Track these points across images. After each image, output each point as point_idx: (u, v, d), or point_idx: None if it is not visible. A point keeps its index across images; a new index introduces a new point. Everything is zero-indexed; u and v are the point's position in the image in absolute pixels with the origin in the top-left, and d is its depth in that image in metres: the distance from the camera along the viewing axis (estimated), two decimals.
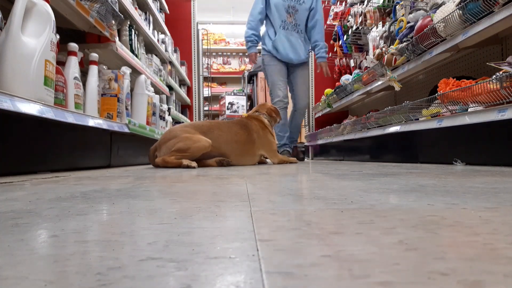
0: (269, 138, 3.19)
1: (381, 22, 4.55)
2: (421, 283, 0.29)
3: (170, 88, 5.92)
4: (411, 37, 3.19)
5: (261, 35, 4.31)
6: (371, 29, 4.83)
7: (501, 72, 2.03)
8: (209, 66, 8.37)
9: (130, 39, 3.82)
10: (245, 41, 4.29)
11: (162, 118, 4.62)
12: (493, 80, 2.06)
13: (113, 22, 2.97)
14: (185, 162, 2.50)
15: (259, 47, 4.34)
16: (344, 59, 6.38)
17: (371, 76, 4.12)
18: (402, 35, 3.43)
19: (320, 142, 5.92)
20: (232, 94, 7.74)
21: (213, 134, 2.81)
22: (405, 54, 3.27)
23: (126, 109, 3.20)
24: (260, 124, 3.19)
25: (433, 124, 2.67)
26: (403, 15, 3.65)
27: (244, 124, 3.09)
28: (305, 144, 6.90)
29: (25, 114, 1.70)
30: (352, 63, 6.01)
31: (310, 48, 4.36)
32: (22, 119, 1.75)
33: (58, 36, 2.23)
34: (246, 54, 4.35)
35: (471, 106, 2.34)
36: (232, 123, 3.08)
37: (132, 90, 3.58)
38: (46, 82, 1.93)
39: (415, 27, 3.09)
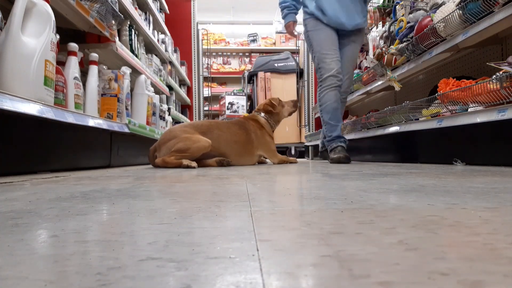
0: (266, 138, 3.17)
1: (381, 22, 4.55)
2: (421, 283, 0.29)
3: (170, 88, 5.92)
4: (411, 37, 3.19)
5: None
6: (371, 29, 4.83)
7: (501, 72, 2.03)
8: (209, 66, 8.37)
9: (130, 39, 3.82)
10: (280, 9, 3.35)
11: (162, 118, 4.62)
12: (493, 80, 2.06)
13: (113, 22, 2.97)
14: (185, 162, 2.50)
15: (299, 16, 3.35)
16: None
17: (371, 76, 4.12)
18: (402, 35, 3.43)
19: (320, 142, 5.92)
20: (232, 94, 7.74)
21: (213, 134, 2.81)
22: (405, 54, 3.27)
23: (126, 109, 3.20)
24: (257, 124, 3.17)
25: (433, 124, 2.67)
26: (403, 15, 3.65)
27: (242, 125, 3.09)
28: (305, 144, 6.90)
29: (25, 114, 1.69)
30: None
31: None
32: (22, 119, 1.75)
33: (58, 36, 2.23)
34: (284, 25, 3.42)
35: (471, 106, 2.34)
36: (231, 123, 3.09)
37: (132, 90, 3.58)
38: (46, 82, 1.93)
39: (415, 27, 3.09)
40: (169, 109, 5.39)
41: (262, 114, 3.29)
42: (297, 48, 7.80)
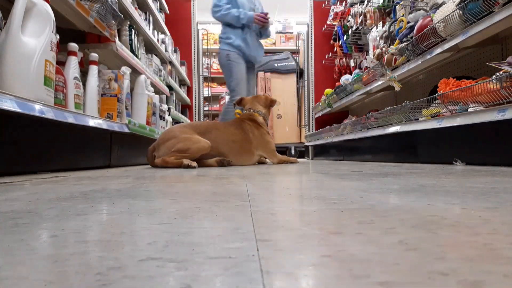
0: (265, 138, 3.15)
1: (381, 22, 4.55)
2: (421, 283, 0.29)
3: (170, 88, 5.92)
4: (411, 37, 3.19)
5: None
6: (371, 29, 4.83)
7: (501, 72, 2.03)
8: (209, 66, 8.36)
9: (130, 39, 3.81)
10: (235, 18, 4.25)
11: (162, 118, 4.61)
12: (493, 80, 2.06)
13: (113, 22, 2.97)
14: (186, 162, 2.50)
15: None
16: (344, 59, 6.38)
17: (371, 76, 4.12)
18: (402, 35, 3.43)
19: (320, 142, 5.92)
20: None
21: (211, 134, 2.82)
22: (405, 54, 3.27)
23: (126, 109, 3.20)
24: (254, 124, 3.15)
25: (433, 124, 2.67)
26: (403, 15, 3.65)
27: (239, 125, 3.08)
28: (305, 144, 6.90)
29: (25, 114, 1.69)
30: (352, 63, 6.01)
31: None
32: (22, 119, 1.75)
33: (58, 36, 2.23)
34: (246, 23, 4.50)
35: (471, 106, 2.33)
36: (228, 124, 3.10)
37: (132, 90, 3.57)
38: (46, 82, 1.93)
39: (415, 27, 3.09)
40: (169, 109, 5.39)
41: (261, 112, 3.26)
42: (297, 48, 7.80)
